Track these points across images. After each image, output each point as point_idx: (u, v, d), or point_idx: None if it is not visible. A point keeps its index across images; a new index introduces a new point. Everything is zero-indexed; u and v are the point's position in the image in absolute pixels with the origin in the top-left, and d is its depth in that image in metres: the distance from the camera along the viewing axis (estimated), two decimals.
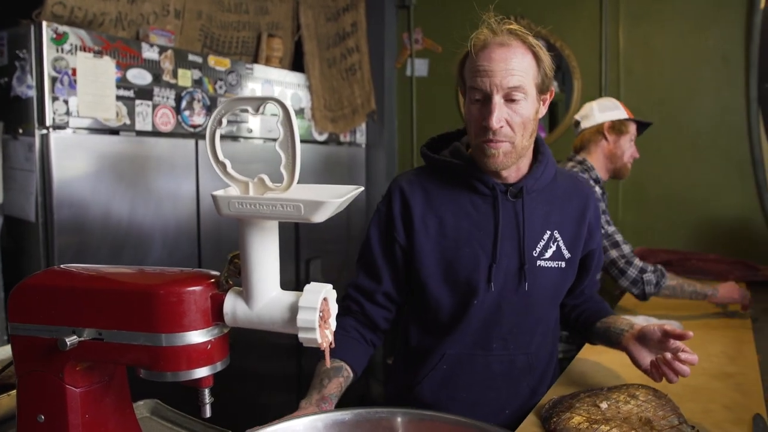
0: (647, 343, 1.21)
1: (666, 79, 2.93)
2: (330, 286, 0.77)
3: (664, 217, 2.94)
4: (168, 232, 2.35)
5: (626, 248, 1.97)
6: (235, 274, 0.78)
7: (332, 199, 0.68)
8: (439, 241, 1.25)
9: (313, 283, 0.76)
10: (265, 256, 0.75)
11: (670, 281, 1.95)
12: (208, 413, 0.82)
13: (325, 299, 0.76)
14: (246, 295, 0.76)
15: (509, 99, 1.15)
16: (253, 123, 2.71)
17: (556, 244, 1.28)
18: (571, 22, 3.14)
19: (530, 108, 1.17)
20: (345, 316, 1.30)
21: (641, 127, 2.23)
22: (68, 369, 0.80)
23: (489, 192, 1.25)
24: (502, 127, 1.15)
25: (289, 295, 0.76)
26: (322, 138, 3.15)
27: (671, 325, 1.26)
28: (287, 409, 1.07)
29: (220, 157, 0.73)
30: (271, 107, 0.70)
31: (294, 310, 0.74)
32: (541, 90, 1.20)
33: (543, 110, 1.25)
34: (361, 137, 3.43)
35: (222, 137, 0.72)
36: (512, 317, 1.27)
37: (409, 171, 1.36)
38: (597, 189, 2.08)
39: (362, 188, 0.78)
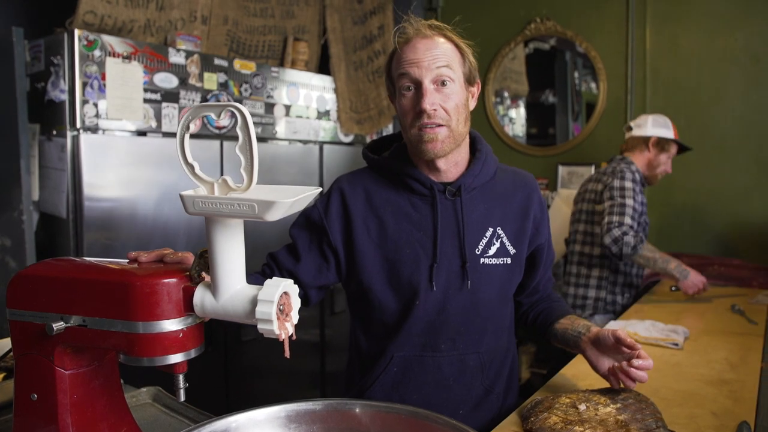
0: (602, 347, 1.21)
1: (693, 80, 2.88)
2: (291, 281, 0.82)
3: (689, 221, 2.89)
4: (192, 229, 2.45)
5: (628, 219, 2.22)
6: (204, 268, 0.84)
7: (284, 199, 0.73)
8: (380, 243, 1.26)
9: (274, 278, 0.81)
10: (229, 252, 0.80)
11: (648, 252, 2.22)
12: (182, 397, 0.88)
13: (286, 293, 0.81)
14: (213, 288, 0.82)
15: (439, 84, 1.18)
16: (279, 126, 2.79)
17: (499, 240, 1.28)
18: (597, 24, 3.12)
19: (460, 94, 1.20)
20: (256, 273, 1.30)
21: (681, 149, 2.51)
22: (58, 352, 0.87)
23: (427, 192, 1.26)
24: (435, 110, 1.17)
25: (252, 289, 0.81)
26: (348, 139, 3.21)
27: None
28: None
29: (189, 159, 0.79)
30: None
31: (254, 302, 0.78)
32: (468, 80, 1.23)
33: (473, 103, 1.26)
34: None
35: None
36: (459, 317, 1.26)
37: (352, 172, 1.36)
38: (636, 182, 2.35)
39: (321, 189, 0.82)
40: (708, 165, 2.83)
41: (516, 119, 3.70)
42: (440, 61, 1.17)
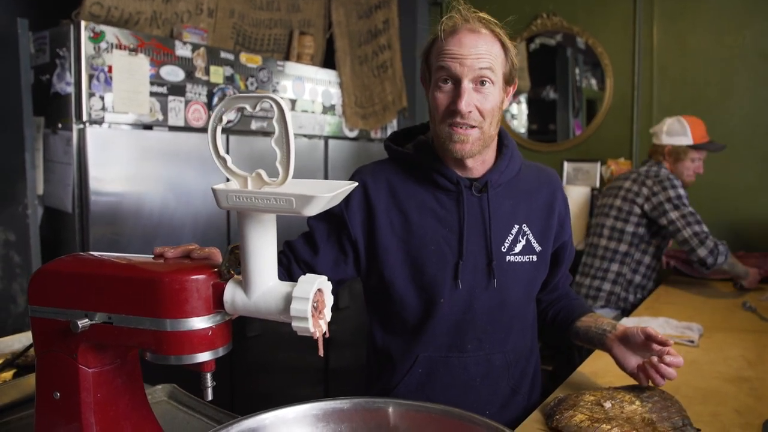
0: (631, 345, 1.20)
1: (700, 77, 2.87)
2: (325, 277, 0.80)
3: None
4: (198, 224, 2.42)
5: (705, 227, 2.30)
6: (235, 264, 0.82)
7: (322, 194, 0.71)
8: (403, 238, 1.22)
9: (308, 275, 0.79)
10: (262, 248, 0.78)
11: (731, 258, 2.31)
12: (209, 396, 0.86)
13: (319, 290, 0.79)
14: (245, 285, 0.80)
15: (478, 84, 1.14)
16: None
17: (525, 237, 1.25)
18: (603, 19, 3.10)
19: (497, 95, 1.16)
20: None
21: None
22: (81, 350, 0.85)
23: (453, 187, 1.22)
24: (470, 111, 1.13)
25: (285, 286, 0.79)
26: (353, 134, 3.18)
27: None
28: None
29: (221, 152, 0.77)
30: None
31: (288, 299, 0.77)
32: (507, 80, 1.19)
33: (507, 103, 1.23)
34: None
35: (254, 133, 0.74)
36: (485, 316, 1.23)
37: (373, 163, 1.31)
38: (674, 182, 2.38)
39: (356, 184, 0.80)
40: (715, 162, 2.81)
41: (517, 115, 3.69)
42: (484, 61, 1.12)
